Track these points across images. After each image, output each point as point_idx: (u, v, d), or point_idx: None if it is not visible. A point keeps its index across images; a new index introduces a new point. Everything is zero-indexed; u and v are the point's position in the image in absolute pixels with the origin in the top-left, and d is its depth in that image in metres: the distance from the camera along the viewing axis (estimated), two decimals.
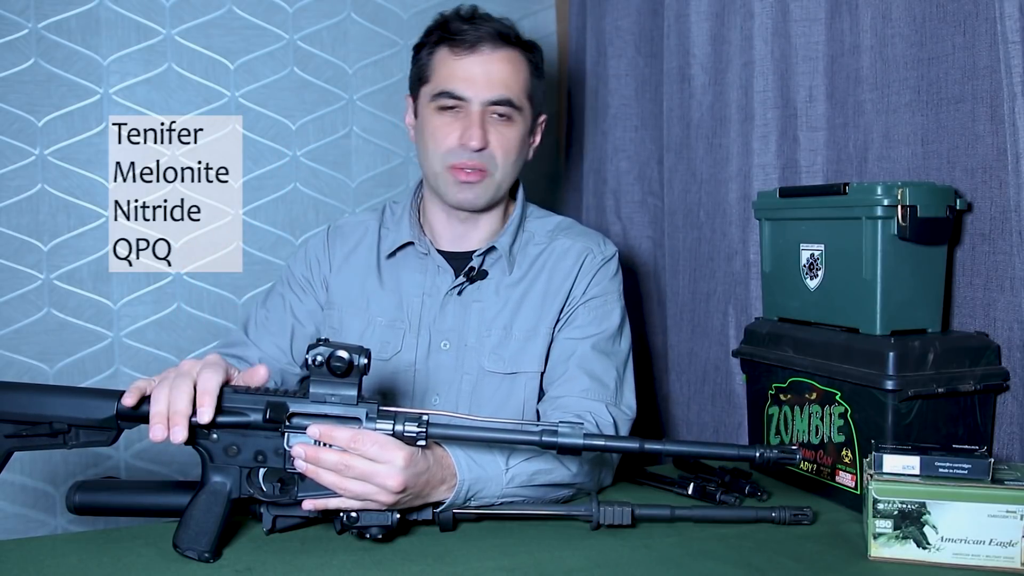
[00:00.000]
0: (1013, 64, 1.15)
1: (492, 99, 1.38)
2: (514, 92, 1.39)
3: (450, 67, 1.38)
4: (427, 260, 1.44)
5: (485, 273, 1.42)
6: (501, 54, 1.39)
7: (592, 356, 1.38)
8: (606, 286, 1.44)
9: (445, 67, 1.39)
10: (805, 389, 1.33)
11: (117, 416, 1.05)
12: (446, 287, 1.42)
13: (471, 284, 1.42)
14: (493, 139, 1.38)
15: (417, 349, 1.41)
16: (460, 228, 1.45)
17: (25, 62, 1.70)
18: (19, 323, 1.72)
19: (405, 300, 1.43)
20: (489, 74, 1.38)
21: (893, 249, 1.24)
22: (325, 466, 1.06)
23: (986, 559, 1.03)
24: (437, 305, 1.42)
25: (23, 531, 1.72)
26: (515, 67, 1.40)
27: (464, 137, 1.37)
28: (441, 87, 1.38)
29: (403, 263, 1.45)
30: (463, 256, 1.44)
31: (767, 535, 1.15)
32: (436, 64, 1.40)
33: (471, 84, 1.37)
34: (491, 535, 1.14)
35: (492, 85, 1.37)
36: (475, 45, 1.38)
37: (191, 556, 1.04)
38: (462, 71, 1.38)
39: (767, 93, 1.58)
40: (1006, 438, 1.25)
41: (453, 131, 1.38)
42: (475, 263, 1.43)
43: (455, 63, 1.38)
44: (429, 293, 1.43)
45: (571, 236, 1.47)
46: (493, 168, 1.39)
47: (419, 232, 1.46)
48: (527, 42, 1.44)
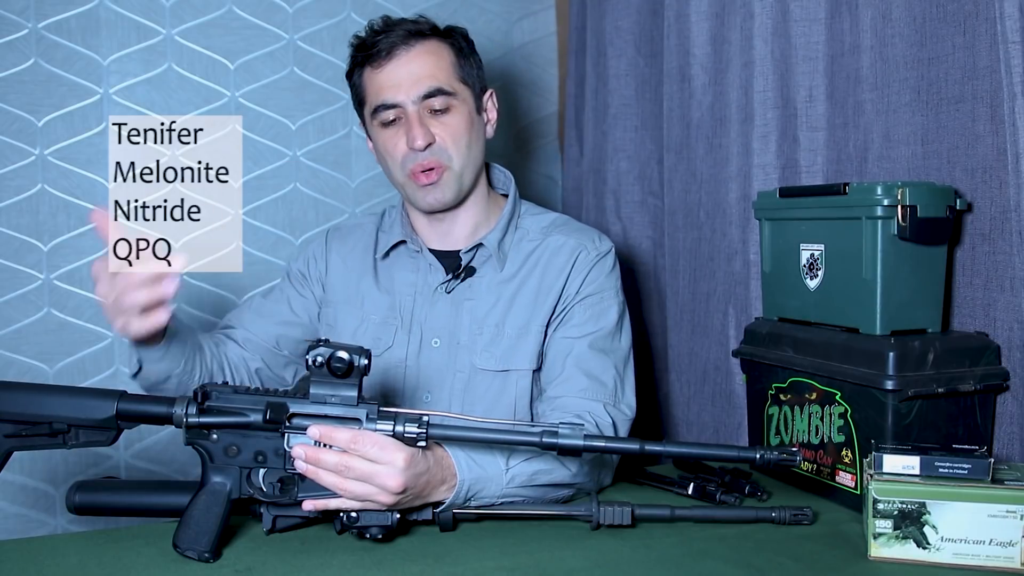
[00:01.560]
0: (1013, 64, 1.15)
1: (422, 93, 1.37)
2: (442, 79, 1.39)
3: (376, 81, 1.39)
4: (419, 258, 1.45)
5: (473, 270, 1.43)
6: (417, 49, 1.39)
7: (590, 355, 1.37)
8: (602, 283, 1.43)
9: (372, 83, 1.40)
10: (805, 389, 1.33)
11: (117, 416, 1.05)
12: (435, 284, 1.42)
13: (461, 282, 1.42)
14: (437, 132, 1.38)
15: (408, 346, 1.41)
16: (441, 227, 1.46)
17: (25, 62, 1.70)
18: (19, 323, 1.72)
19: (398, 298, 1.44)
20: (411, 73, 1.38)
21: (893, 249, 1.24)
22: (325, 467, 1.06)
23: (986, 559, 1.03)
24: (428, 302, 1.42)
25: (23, 531, 1.72)
26: (436, 56, 1.40)
27: (408, 140, 1.37)
28: (374, 102, 1.39)
29: (397, 262, 1.47)
30: (453, 254, 1.45)
31: (767, 535, 1.15)
32: (365, 84, 1.42)
33: (398, 88, 1.37)
34: (491, 535, 1.14)
35: (417, 81, 1.37)
36: (391, 52, 1.38)
37: (191, 556, 1.04)
38: (386, 80, 1.38)
39: (767, 93, 1.58)
40: (1006, 438, 1.25)
41: (400, 139, 1.38)
42: (463, 260, 1.43)
43: (378, 75, 1.39)
44: (420, 291, 1.43)
45: (565, 233, 1.46)
46: (447, 160, 1.39)
47: (410, 231, 1.47)
48: (443, 29, 1.44)
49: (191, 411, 1.05)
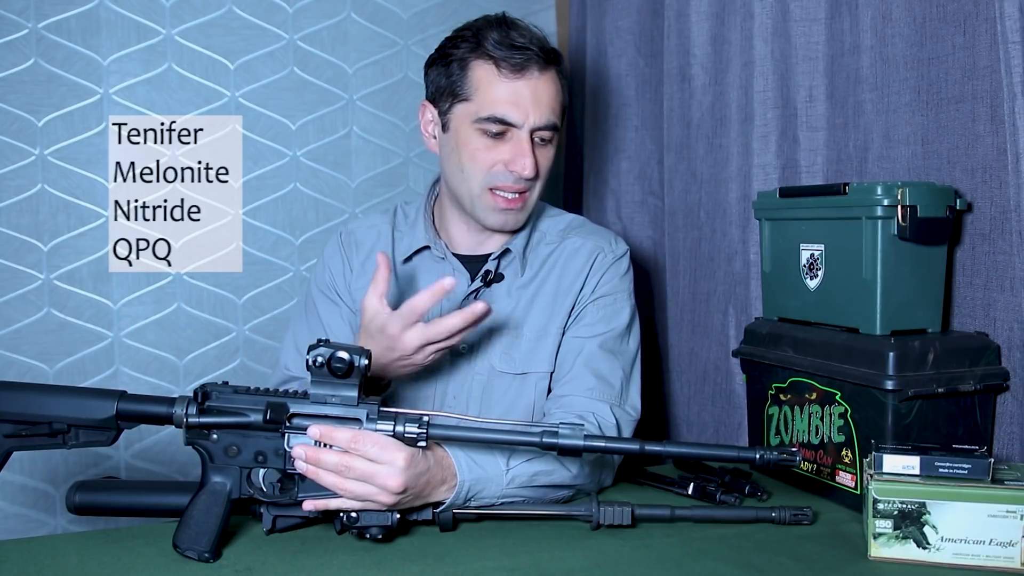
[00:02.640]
0: (1013, 64, 1.15)
1: (541, 124, 1.33)
2: (557, 114, 1.36)
3: (497, 90, 1.31)
4: (443, 264, 1.43)
5: (502, 276, 1.42)
6: (548, 77, 1.34)
7: (599, 355, 1.37)
8: (616, 284, 1.43)
9: (492, 88, 1.31)
10: (805, 389, 1.33)
11: (117, 416, 1.05)
12: (463, 292, 1.40)
13: (487, 287, 1.41)
14: (539, 162, 1.35)
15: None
16: (480, 237, 1.44)
17: (25, 62, 1.70)
18: (19, 323, 1.72)
19: None
20: (538, 99, 1.32)
21: (893, 249, 1.24)
22: (325, 467, 1.06)
23: (986, 559, 1.03)
24: (455, 309, 1.40)
25: (23, 531, 1.72)
26: (557, 88, 1.36)
27: (515, 164, 1.32)
28: (489, 111, 1.31)
29: (419, 267, 1.44)
30: (478, 259, 1.43)
31: (767, 535, 1.15)
32: (477, 82, 1.32)
33: (521, 110, 1.31)
34: (491, 535, 1.14)
35: (541, 111, 1.32)
36: (525, 67, 1.31)
37: (191, 556, 1.04)
38: (511, 95, 1.31)
39: (767, 93, 1.58)
40: (1006, 438, 1.25)
41: (499, 155, 1.33)
42: (491, 266, 1.42)
43: (503, 85, 1.31)
44: (448, 297, 1.41)
45: (582, 235, 1.46)
46: (533, 189, 1.38)
47: (434, 236, 1.44)
48: (560, 55, 1.39)
49: (191, 411, 1.05)
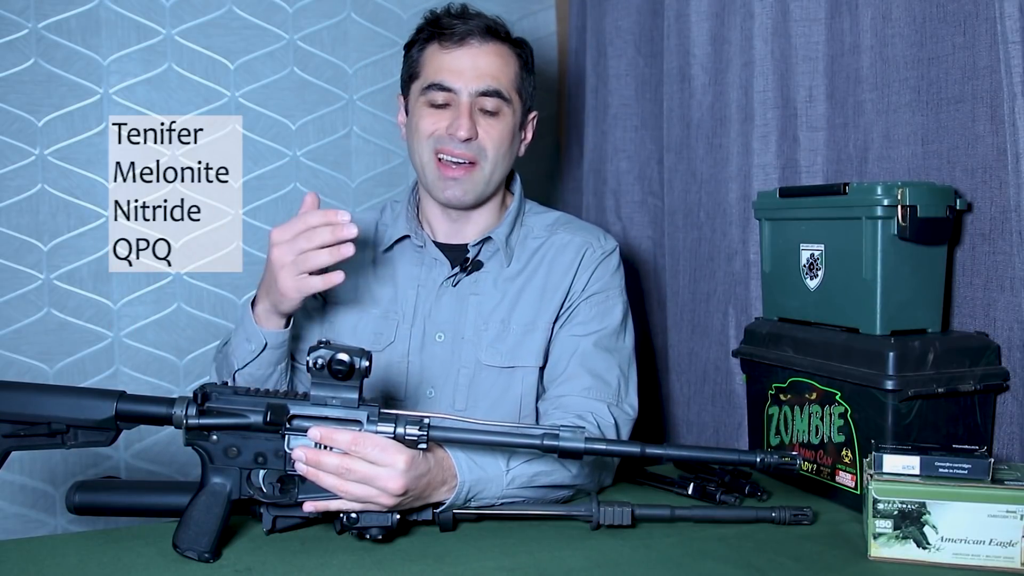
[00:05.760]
0: (1013, 64, 1.15)
1: (481, 89, 1.38)
2: (503, 84, 1.39)
3: (439, 60, 1.39)
4: (423, 252, 1.44)
5: (480, 264, 1.42)
6: (490, 47, 1.40)
7: (594, 353, 1.37)
8: (607, 281, 1.44)
9: (434, 61, 1.39)
10: (805, 389, 1.33)
11: (116, 417, 1.05)
12: (441, 278, 1.42)
13: (467, 276, 1.42)
14: (482, 131, 1.38)
15: (411, 340, 1.40)
16: (456, 224, 1.45)
17: (25, 62, 1.70)
18: (19, 323, 1.72)
19: (400, 292, 1.43)
20: (478, 66, 1.38)
21: (893, 249, 1.24)
22: (326, 469, 1.06)
23: (986, 559, 1.03)
24: (432, 296, 1.41)
25: (23, 531, 1.72)
26: (504, 60, 1.41)
27: (452, 127, 1.37)
28: (430, 80, 1.39)
29: (400, 256, 1.45)
30: (460, 248, 1.44)
31: (767, 535, 1.15)
32: (426, 59, 1.41)
33: (459, 75, 1.38)
34: (491, 535, 1.14)
35: (481, 76, 1.38)
36: (464, 38, 1.39)
37: (191, 556, 1.04)
38: (451, 63, 1.38)
39: (767, 93, 1.58)
40: (1006, 438, 1.25)
41: (440, 121, 1.38)
42: (471, 254, 1.43)
43: (444, 56, 1.39)
44: (424, 284, 1.42)
45: (571, 230, 1.47)
46: (483, 159, 1.39)
47: (416, 225, 1.45)
48: (517, 39, 1.45)
49: (191, 412, 1.05)
